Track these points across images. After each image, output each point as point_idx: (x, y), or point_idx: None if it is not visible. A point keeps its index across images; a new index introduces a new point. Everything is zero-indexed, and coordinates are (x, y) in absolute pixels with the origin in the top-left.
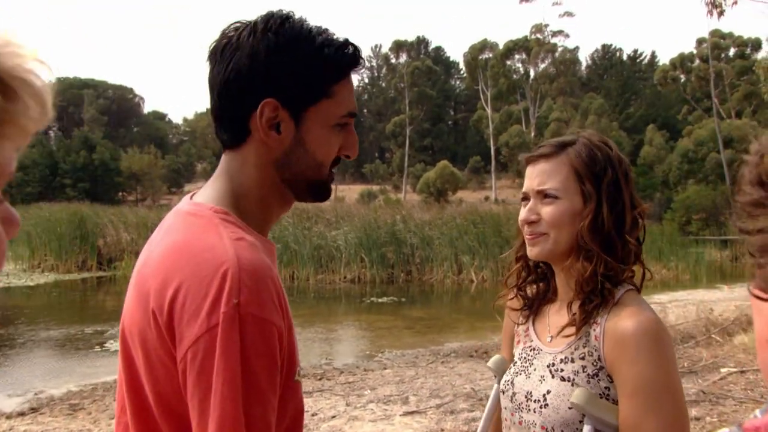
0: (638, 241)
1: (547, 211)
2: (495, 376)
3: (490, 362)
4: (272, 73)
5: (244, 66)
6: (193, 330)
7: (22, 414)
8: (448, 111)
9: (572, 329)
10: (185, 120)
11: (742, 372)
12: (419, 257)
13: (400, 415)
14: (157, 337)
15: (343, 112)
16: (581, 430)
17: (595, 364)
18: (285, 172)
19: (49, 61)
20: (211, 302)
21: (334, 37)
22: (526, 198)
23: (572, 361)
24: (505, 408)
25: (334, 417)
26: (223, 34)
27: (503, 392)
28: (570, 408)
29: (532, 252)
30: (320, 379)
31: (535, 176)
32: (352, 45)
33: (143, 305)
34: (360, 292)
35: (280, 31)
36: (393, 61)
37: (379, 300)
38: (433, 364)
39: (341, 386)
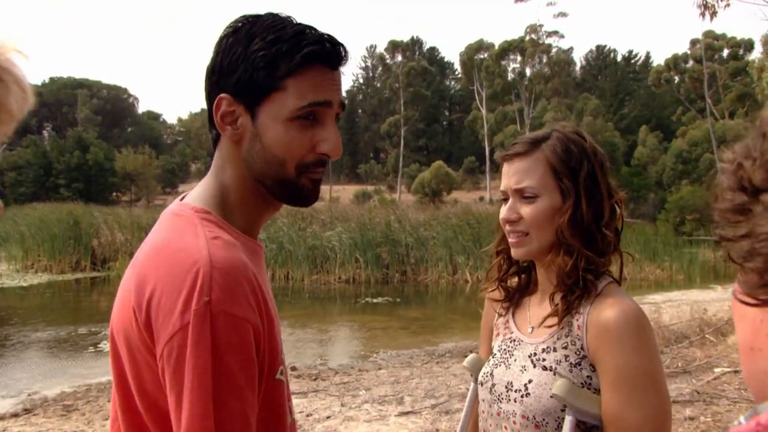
0: (616, 231)
1: (527, 210)
2: (471, 375)
3: (466, 362)
4: (225, 70)
5: (209, 65)
6: (168, 328)
7: (15, 415)
8: (443, 111)
9: (554, 320)
10: (180, 120)
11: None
12: (414, 258)
13: (395, 416)
14: (138, 335)
15: (300, 104)
16: (562, 418)
17: (578, 353)
18: (252, 170)
19: (26, 51)
20: (184, 300)
21: (303, 32)
22: (505, 196)
23: (554, 350)
24: (483, 400)
25: (329, 417)
26: None
27: (482, 384)
28: (552, 396)
29: (516, 253)
30: (315, 380)
31: (512, 175)
32: (317, 39)
33: (126, 304)
34: (355, 293)
35: (238, 28)
36: (388, 61)
37: (374, 300)
38: (428, 365)
39: (336, 387)
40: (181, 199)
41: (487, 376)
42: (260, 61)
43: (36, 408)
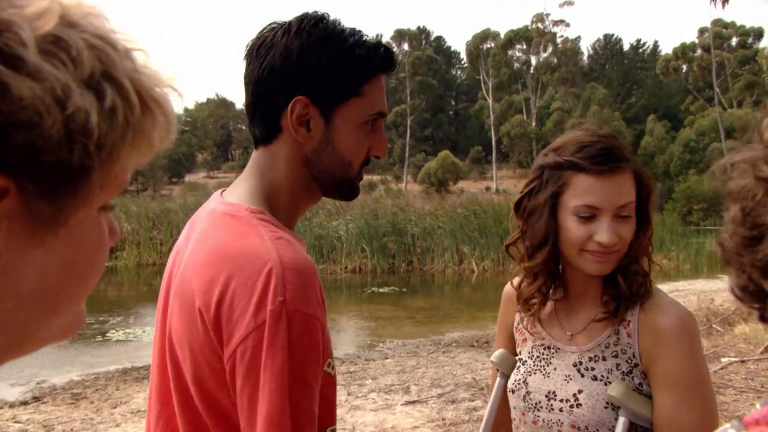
0: None
1: (624, 231)
2: (498, 370)
3: (494, 357)
4: (303, 71)
5: (278, 64)
6: (241, 329)
7: (24, 403)
8: (449, 101)
9: (599, 327)
10: (186, 110)
11: (742, 362)
12: (420, 247)
13: (402, 405)
14: (204, 336)
15: (372, 111)
16: (614, 427)
17: (629, 361)
18: (314, 169)
19: (182, 90)
20: (257, 301)
21: (366, 38)
22: (590, 213)
23: (604, 359)
24: (515, 407)
25: None
26: (260, 34)
27: (512, 391)
28: (606, 407)
29: (598, 269)
30: None
31: (612, 192)
32: (384, 47)
33: (188, 307)
34: (361, 282)
35: (312, 30)
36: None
37: (380, 290)
38: (434, 354)
39: (342, 376)
40: (221, 195)
41: (519, 384)
42: (342, 67)
43: (45, 396)
